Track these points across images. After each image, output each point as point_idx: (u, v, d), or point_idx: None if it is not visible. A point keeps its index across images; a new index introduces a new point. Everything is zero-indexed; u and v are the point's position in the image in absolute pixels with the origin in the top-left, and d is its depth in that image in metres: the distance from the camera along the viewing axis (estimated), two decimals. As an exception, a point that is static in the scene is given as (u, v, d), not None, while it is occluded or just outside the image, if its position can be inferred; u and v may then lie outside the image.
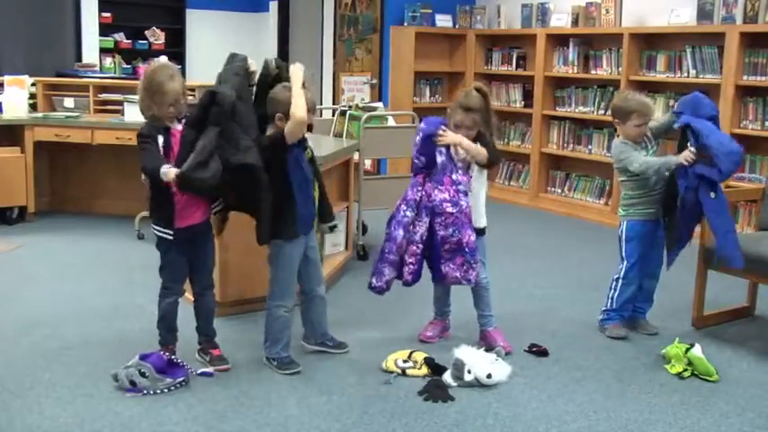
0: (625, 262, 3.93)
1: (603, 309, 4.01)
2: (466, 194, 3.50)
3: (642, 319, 4.05)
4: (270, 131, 3.27)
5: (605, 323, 3.98)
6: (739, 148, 3.70)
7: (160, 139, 3.16)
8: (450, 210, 3.47)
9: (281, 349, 3.42)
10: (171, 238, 3.23)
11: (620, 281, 3.94)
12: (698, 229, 3.94)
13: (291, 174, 3.24)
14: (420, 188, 3.54)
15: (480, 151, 3.47)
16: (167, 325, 3.41)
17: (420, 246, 3.54)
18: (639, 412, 3.12)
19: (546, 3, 7.46)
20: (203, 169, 3.05)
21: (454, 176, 3.50)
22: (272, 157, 3.19)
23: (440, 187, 3.50)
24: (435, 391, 3.21)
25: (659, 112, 6.31)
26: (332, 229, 3.67)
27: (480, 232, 3.66)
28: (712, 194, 3.67)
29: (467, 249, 3.48)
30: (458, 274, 3.52)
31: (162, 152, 3.15)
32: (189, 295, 3.54)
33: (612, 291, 3.97)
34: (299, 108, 3.13)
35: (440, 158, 3.52)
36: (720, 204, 3.70)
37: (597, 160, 6.90)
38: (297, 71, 3.22)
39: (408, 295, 4.52)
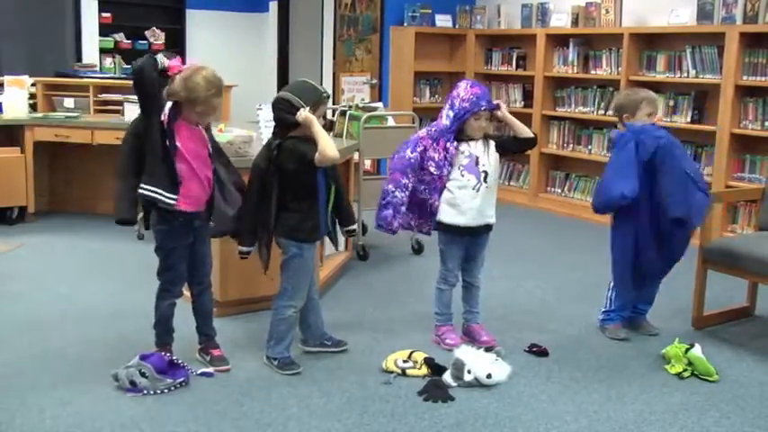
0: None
1: (602, 309, 4.02)
2: (451, 165, 3.59)
3: (643, 320, 4.05)
4: (290, 136, 3.27)
5: (605, 324, 3.99)
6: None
7: (167, 107, 3.13)
8: (432, 170, 3.59)
9: (284, 349, 3.42)
10: (173, 202, 3.14)
11: (630, 282, 3.93)
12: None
13: (317, 183, 3.31)
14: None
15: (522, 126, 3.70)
16: (165, 327, 3.41)
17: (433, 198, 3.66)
18: (639, 412, 3.12)
19: (546, 3, 7.46)
20: None
21: (448, 145, 3.59)
22: (299, 168, 3.24)
23: (435, 146, 3.60)
24: (435, 391, 3.21)
25: (660, 112, 6.32)
26: (350, 233, 3.67)
27: (488, 229, 3.68)
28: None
29: (428, 211, 3.63)
30: (412, 223, 3.70)
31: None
32: (187, 292, 3.53)
33: (609, 291, 3.98)
34: (327, 149, 3.17)
35: (446, 121, 3.61)
36: None
37: (597, 160, 6.90)
38: (307, 117, 3.20)
39: (408, 295, 4.53)
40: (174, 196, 3.16)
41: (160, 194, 3.15)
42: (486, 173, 3.60)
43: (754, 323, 4.27)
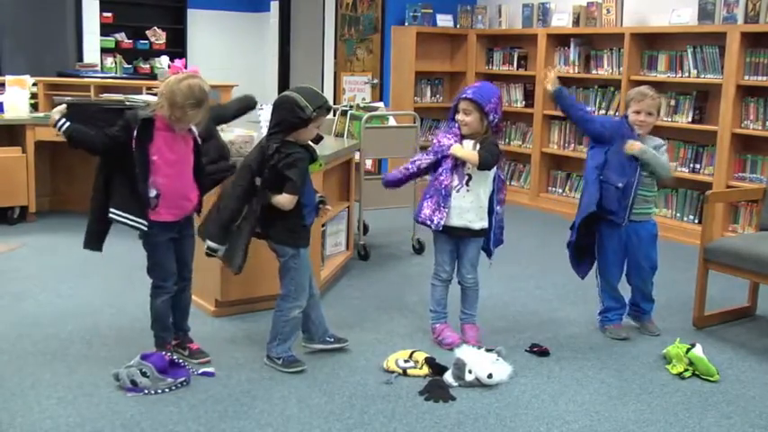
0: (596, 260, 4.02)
1: (598, 311, 4.04)
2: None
3: (647, 319, 4.04)
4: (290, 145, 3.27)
5: (605, 324, 4.00)
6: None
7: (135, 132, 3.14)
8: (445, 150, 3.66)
9: (288, 348, 3.43)
10: (143, 228, 3.20)
11: (597, 278, 4.01)
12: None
13: (303, 194, 3.31)
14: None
15: (470, 157, 3.57)
16: (162, 325, 3.41)
17: (412, 168, 3.78)
18: (641, 412, 3.12)
19: (547, 2, 7.46)
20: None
21: (455, 129, 3.70)
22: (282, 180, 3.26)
23: (448, 135, 3.69)
24: (436, 390, 3.21)
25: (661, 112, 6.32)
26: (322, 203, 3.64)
27: (478, 233, 3.68)
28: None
29: (443, 193, 3.62)
30: (427, 212, 3.66)
31: (134, 143, 3.14)
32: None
33: (598, 289, 4.03)
34: (284, 202, 3.23)
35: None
36: None
37: (598, 160, 6.89)
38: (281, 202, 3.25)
39: (409, 295, 4.53)
40: (144, 221, 3.20)
41: (131, 219, 3.20)
42: (469, 176, 3.61)
43: (755, 323, 4.27)
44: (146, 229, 3.21)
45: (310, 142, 3.39)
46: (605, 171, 3.84)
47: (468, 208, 3.63)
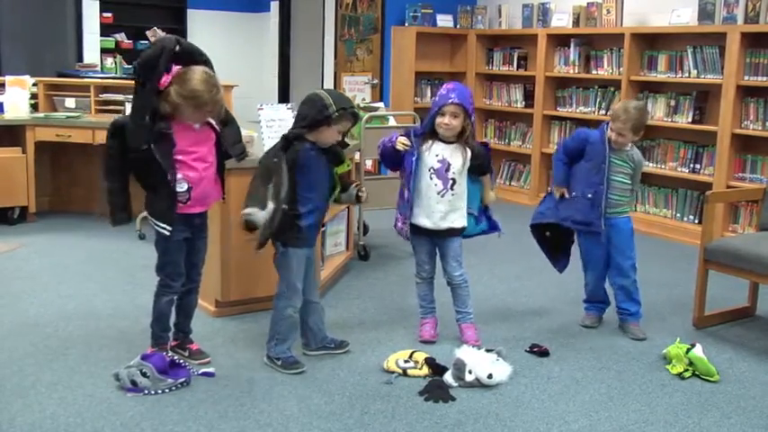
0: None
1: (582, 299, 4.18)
2: (417, 159, 3.62)
3: (631, 322, 3.99)
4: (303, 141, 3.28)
5: (585, 311, 4.15)
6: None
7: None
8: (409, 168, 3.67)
9: (287, 349, 3.42)
10: (167, 233, 3.19)
11: (584, 273, 4.13)
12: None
13: (302, 191, 3.30)
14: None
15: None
16: (163, 325, 3.40)
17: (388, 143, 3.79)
18: (640, 412, 3.12)
19: (547, 3, 7.46)
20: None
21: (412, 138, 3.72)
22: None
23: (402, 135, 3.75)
24: (436, 391, 3.21)
25: (661, 112, 6.32)
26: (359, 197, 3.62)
27: (456, 232, 3.70)
28: None
29: (405, 205, 3.71)
30: (400, 224, 3.76)
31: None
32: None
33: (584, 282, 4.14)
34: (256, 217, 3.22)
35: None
36: None
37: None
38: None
39: (409, 295, 4.53)
40: (169, 227, 3.19)
41: (159, 226, 3.21)
42: (453, 180, 3.62)
43: (755, 323, 4.27)
44: (168, 234, 3.20)
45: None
46: (574, 185, 3.94)
47: (451, 210, 3.65)
